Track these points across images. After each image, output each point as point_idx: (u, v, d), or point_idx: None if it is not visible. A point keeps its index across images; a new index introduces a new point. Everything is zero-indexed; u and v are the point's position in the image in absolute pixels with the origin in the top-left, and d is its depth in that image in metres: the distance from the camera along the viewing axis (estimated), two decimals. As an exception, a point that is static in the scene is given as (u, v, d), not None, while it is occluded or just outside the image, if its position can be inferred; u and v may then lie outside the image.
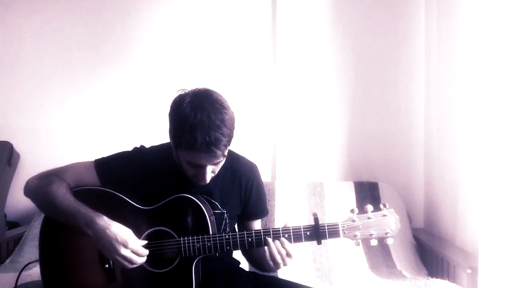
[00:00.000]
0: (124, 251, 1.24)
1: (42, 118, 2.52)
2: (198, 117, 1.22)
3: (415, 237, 2.21)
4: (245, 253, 1.58)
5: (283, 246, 1.30)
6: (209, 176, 1.33)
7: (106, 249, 1.26)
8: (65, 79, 2.53)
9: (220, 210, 1.46)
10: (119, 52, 2.53)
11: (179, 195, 1.38)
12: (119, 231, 1.25)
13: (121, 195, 1.40)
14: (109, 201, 1.39)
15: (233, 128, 1.30)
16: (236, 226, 1.60)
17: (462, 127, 2.00)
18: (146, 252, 1.29)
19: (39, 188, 1.36)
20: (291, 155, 2.48)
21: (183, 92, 1.31)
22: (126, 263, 1.26)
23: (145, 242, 1.32)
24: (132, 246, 1.25)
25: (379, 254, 2.09)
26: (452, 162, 2.11)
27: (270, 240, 1.30)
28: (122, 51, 2.53)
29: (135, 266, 1.28)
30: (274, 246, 1.29)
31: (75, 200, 1.31)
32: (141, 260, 1.27)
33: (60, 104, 2.53)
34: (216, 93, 1.32)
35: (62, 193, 1.32)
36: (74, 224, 1.29)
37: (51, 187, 1.33)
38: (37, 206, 1.43)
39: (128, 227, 1.32)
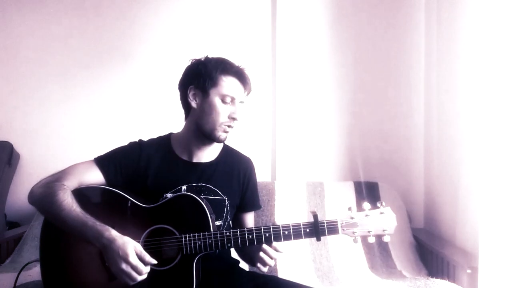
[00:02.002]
0: (124, 266, 1.24)
1: (42, 118, 2.53)
2: (227, 60, 1.49)
3: (415, 237, 2.21)
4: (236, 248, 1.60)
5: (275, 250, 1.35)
6: (240, 113, 1.46)
7: (110, 262, 1.27)
8: (65, 79, 2.54)
9: (221, 197, 1.50)
10: (119, 54, 2.54)
11: (181, 193, 1.41)
12: (122, 245, 1.25)
13: (122, 193, 1.40)
14: (110, 199, 1.40)
15: None
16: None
17: (462, 127, 2.00)
18: (147, 269, 1.28)
19: (45, 198, 1.34)
20: (291, 155, 2.49)
21: (196, 59, 1.52)
22: (127, 279, 1.26)
23: (154, 261, 1.29)
24: (132, 261, 1.24)
25: (379, 254, 2.09)
26: (452, 162, 2.11)
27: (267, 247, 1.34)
28: (123, 53, 2.54)
29: (134, 282, 1.26)
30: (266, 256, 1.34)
31: (81, 212, 1.31)
32: (140, 277, 1.26)
33: (60, 105, 2.54)
34: None
35: (68, 205, 1.31)
36: (80, 236, 1.30)
37: (57, 198, 1.32)
38: (42, 215, 1.43)
39: (130, 225, 1.33)
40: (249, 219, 1.63)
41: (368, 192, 2.25)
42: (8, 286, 1.62)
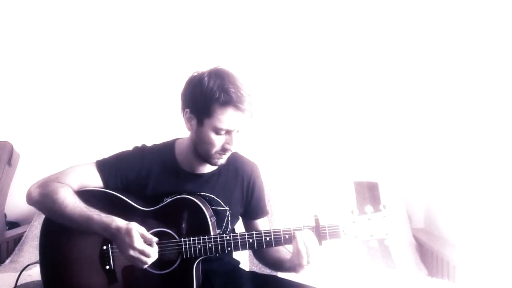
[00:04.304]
0: (132, 252, 1.24)
1: (42, 118, 2.53)
2: (226, 84, 1.30)
3: (415, 237, 2.21)
4: (256, 255, 1.57)
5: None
6: (235, 144, 1.36)
7: (120, 250, 1.27)
8: (65, 79, 2.53)
9: (223, 207, 1.47)
10: (120, 52, 2.53)
11: (179, 196, 1.38)
12: (127, 232, 1.25)
13: (122, 196, 1.39)
14: (110, 203, 1.38)
15: (251, 98, 1.37)
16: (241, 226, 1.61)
17: (462, 127, 2.00)
18: (153, 251, 1.27)
19: (45, 197, 1.34)
20: (291, 155, 2.48)
21: (197, 73, 1.38)
22: (138, 263, 1.26)
23: (156, 239, 1.29)
24: (137, 246, 1.24)
25: (379, 254, 2.09)
26: (452, 162, 2.11)
27: (297, 233, 1.28)
28: (123, 51, 2.53)
29: (145, 266, 1.27)
30: (301, 240, 1.27)
31: (85, 206, 1.31)
32: (149, 260, 1.26)
33: (60, 104, 2.53)
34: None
35: (72, 201, 1.31)
36: (87, 230, 1.30)
37: (58, 196, 1.32)
38: (44, 214, 1.42)
39: None
40: (261, 225, 1.59)
41: (368, 192, 2.25)
42: (8, 286, 1.63)
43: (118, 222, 1.27)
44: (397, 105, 2.48)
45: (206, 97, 1.30)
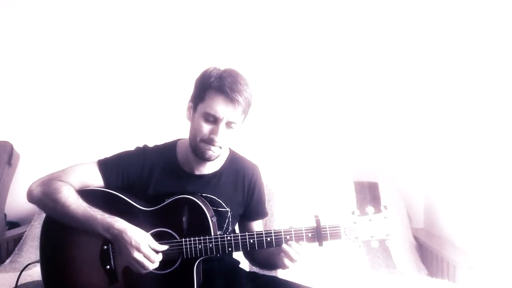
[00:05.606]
0: (136, 255, 1.25)
1: (42, 118, 2.53)
2: (224, 74, 1.34)
3: (415, 237, 2.22)
4: (246, 254, 1.60)
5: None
6: (221, 135, 1.34)
7: (122, 252, 1.27)
8: (65, 79, 2.53)
9: (224, 208, 1.48)
10: (120, 52, 2.53)
11: (180, 196, 1.38)
12: (134, 234, 1.26)
13: (123, 196, 1.39)
14: (110, 202, 1.38)
15: (250, 98, 1.37)
16: (237, 226, 1.61)
17: (462, 127, 2.00)
18: (159, 257, 1.28)
19: (47, 195, 1.33)
20: (291, 155, 2.49)
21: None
22: (139, 267, 1.27)
23: (165, 247, 1.31)
24: (144, 250, 1.25)
25: (379, 255, 2.10)
26: (452, 162, 2.11)
27: (286, 246, 1.30)
28: (124, 51, 2.53)
29: (146, 271, 1.27)
30: (293, 250, 1.29)
31: (89, 206, 1.31)
32: (152, 266, 1.27)
33: (60, 104, 2.53)
34: None
35: (74, 200, 1.31)
36: (90, 230, 1.30)
37: (61, 195, 1.31)
38: (45, 212, 1.41)
39: None
40: (256, 227, 1.60)
41: (368, 192, 2.25)
42: (8, 286, 1.62)
43: (122, 223, 1.28)
44: (397, 105, 2.48)
45: (203, 83, 1.35)
